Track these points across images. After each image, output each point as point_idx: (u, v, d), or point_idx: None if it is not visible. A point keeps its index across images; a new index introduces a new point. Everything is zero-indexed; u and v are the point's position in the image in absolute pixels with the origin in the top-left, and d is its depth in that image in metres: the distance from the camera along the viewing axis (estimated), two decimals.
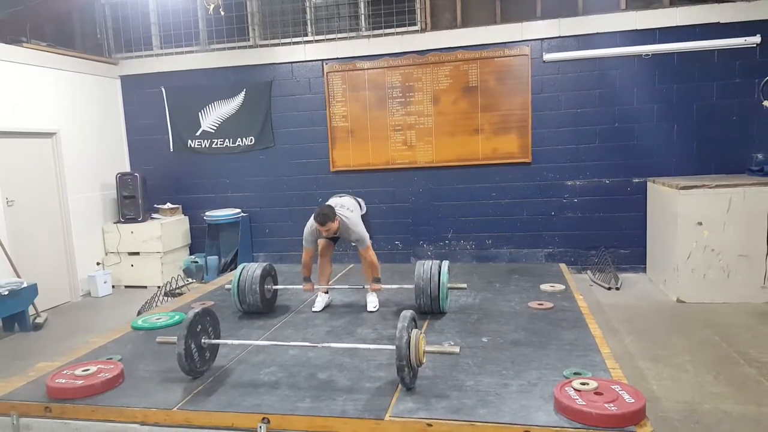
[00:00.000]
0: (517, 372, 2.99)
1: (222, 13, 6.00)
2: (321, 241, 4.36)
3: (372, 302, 4.32)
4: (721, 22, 6.34)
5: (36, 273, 6.20)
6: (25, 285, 5.64)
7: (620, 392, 2.46)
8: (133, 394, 2.89)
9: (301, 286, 4.38)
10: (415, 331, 2.83)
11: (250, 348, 3.50)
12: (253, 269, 4.24)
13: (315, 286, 4.37)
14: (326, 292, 4.49)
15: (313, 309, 4.34)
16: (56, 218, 6.89)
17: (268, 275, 4.33)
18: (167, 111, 7.91)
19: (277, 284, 4.44)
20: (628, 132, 6.76)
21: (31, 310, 5.83)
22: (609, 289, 6.31)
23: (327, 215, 4.02)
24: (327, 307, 4.41)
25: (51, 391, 2.85)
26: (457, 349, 2.90)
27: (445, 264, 4.01)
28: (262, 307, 4.21)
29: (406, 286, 4.28)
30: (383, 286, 4.33)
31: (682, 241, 5.73)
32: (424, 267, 3.99)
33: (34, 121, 6.58)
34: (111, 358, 3.32)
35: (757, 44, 6.27)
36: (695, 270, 5.71)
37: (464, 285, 4.20)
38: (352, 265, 5.95)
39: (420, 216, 7.41)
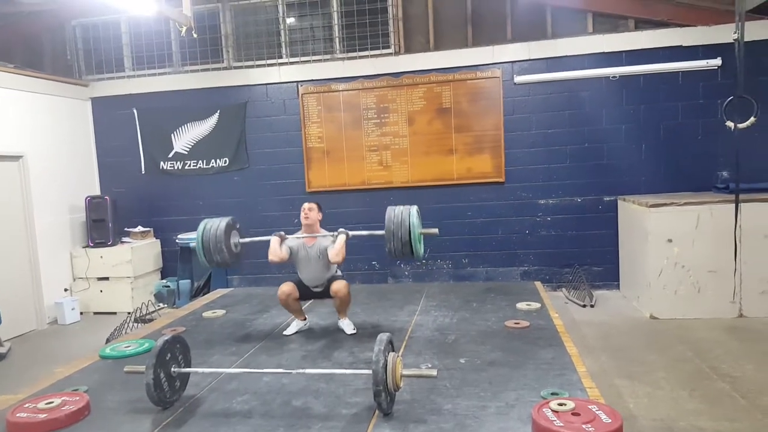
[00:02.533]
0: (494, 393, 2.97)
1: (195, 35, 5.97)
2: (295, 293, 4.20)
3: (348, 325, 4.27)
4: (683, 45, 6.56)
5: (0, 300, 5.99)
6: None
7: (597, 412, 2.46)
8: (100, 428, 2.78)
9: (269, 237, 4.16)
10: (392, 354, 2.80)
11: (223, 376, 3.42)
12: (215, 226, 4.06)
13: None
14: (303, 319, 4.37)
15: (285, 332, 4.25)
16: (22, 243, 6.68)
17: (233, 229, 4.15)
18: (139, 133, 7.80)
19: (242, 236, 4.24)
20: (598, 151, 6.90)
21: None
22: (584, 306, 6.36)
23: (318, 204, 4.23)
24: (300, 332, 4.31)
25: (11, 427, 2.73)
26: (434, 372, 2.88)
27: (414, 208, 3.82)
28: (231, 263, 4.10)
29: (377, 232, 4.03)
30: (352, 233, 4.19)
31: (653, 258, 5.82)
32: (395, 212, 3.80)
33: (0, 144, 6.41)
34: (77, 390, 3.21)
35: (718, 66, 6.48)
36: (667, 286, 5.80)
37: (436, 230, 4.02)
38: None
39: None
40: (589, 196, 6.97)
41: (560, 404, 2.54)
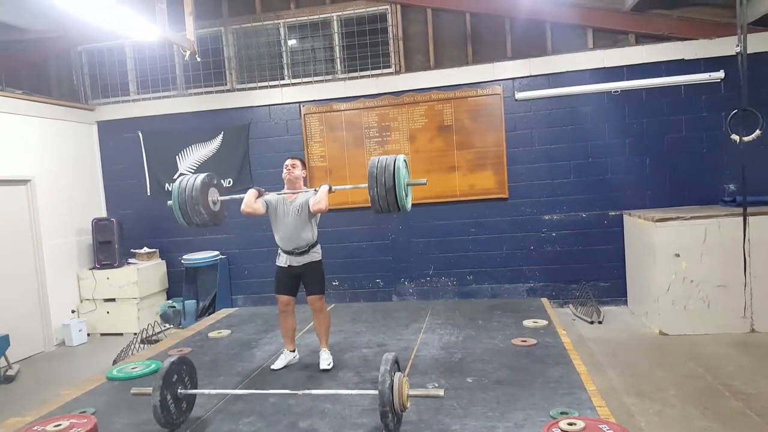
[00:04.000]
0: (502, 413, 2.94)
1: (198, 58, 6.05)
2: (282, 298, 4.12)
3: (326, 359, 4.04)
4: (685, 58, 6.59)
5: (8, 323, 5.99)
6: None
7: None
8: None
9: (243, 195, 4.05)
10: (398, 374, 2.78)
11: (229, 397, 3.40)
12: (191, 184, 3.73)
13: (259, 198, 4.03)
14: (293, 350, 4.22)
15: (272, 367, 4.07)
16: (29, 265, 6.71)
17: (210, 186, 3.87)
18: (144, 155, 7.87)
19: (222, 193, 4.01)
20: (602, 166, 6.90)
21: (2, 362, 5.62)
22: (591, 323, 6.31)
23: (302, 160, 4.28)
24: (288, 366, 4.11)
25: None
26: (441, 392, 2.85)
27: (401, 156, 3.52)
28: (211, 223, 3.84)
29: (361, 186, 3.80)
30: (337, 186, 4.04)
31: (661, 273, 5.78)
32: (380, 159, 3.52)
33: (8, 168, 6.48)
34: (84, 412, 3.21)
35: (721, 79, 6.50)
36: (675, 302, 5.74)
37: (424, 180, 3.73)
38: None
39: (400, 253, 7.40)
40: (594, 211, 6.95)
41: (570, 424, 2.51)
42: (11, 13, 7.03)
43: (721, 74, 6.49)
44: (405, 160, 3.52)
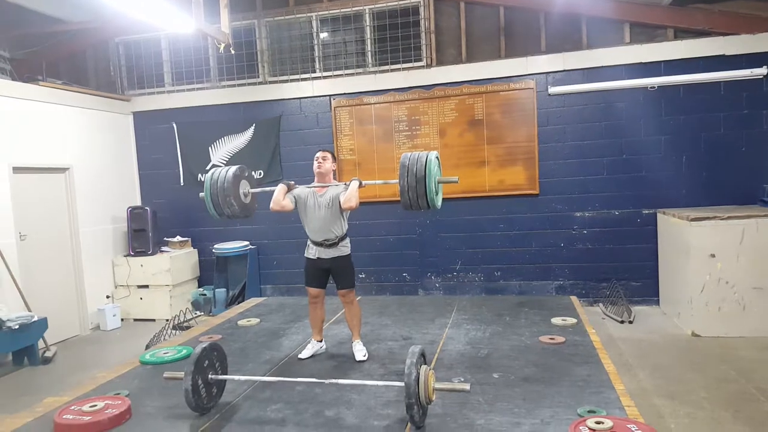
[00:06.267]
0: (529, 410, 2.93)
1: (232, 51, 6.13)
2: (312, 290, 4.17)
3: (360, 350, 4.09)
4: (726, 54, 6.39)
5: (46, 306, 6.21)
6: (35, 319, 5.64)
7: (636, 431, 2.40)
8: (140, 431, 2.85)
9: (275, 187, 4.09)
10: (424, 367, 2.79)
11: (257, 383, 3.47)
12: (222, 175, 3.79)
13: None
14: (320, 340, 4.28)
15: (299, 356, 4.14)
16: (67, 252, 6.93)
17: (241, 178, 3.92)
18: (178, 146, 8.02)
19: (253, 185, 4.06)
20: (636, 163, 6.76)
21: (40, 344, 5.82)
22: (621, 322, 6.21)
23: (332, 153, 4.26)
24: (316, 355, 4.18)
25: (58, 428, 2.83)
26: (467, 387, 2.85)
27: (434, 152, 3.47)
28: (242, 215, 3.91)
29: (391, 182, 3.83)
30: (367, 181, 4.07)
31: (695, 274, 5.65)
32: (413, 153, 3.47)
33: (49, 156, 6.69)
34: (118, 394, 3.31)
35: (763, 75, 6.28)
36: (709, 303, 5.61)
37: (456, 178, 3.68)
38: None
39: (427, 248, 7.39)
40: (627, 209, 6.82)
41: (598, 423, 2.49)
42: (53, 5, 7.24)
43: (763, 71, 6.27)
44: (437, 157, 3.48)
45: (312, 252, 4.15)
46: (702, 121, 6.56)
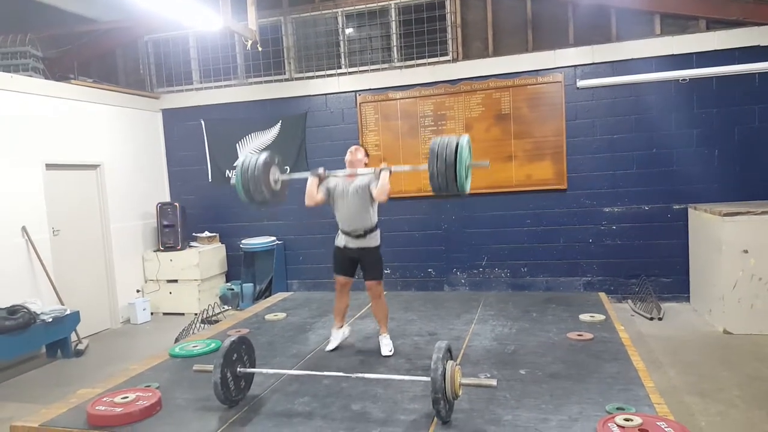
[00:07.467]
0: (556, 406, 2.90)
1: (259, 48, 6.18)
2: (340, 278, 4.20)
3: (386, 345, 4.08)
4: (761, 45, 6.20)
5: (78, 300, 6.38)
6: (68, 312, 5.81)
7: (666, 429, 2.36)
8: (170, 423, 2.92)
9: (307, 173, 4.14)
10: (450, 362, 2.79)
11: (284, 377, 3.51)
12: (253, 162, 3.79)
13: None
14: (341, 326, 4.29)
15: (327, 348, 4.17)
16: (98, 247, 7.10)
17: (271, 165, 3.93)
18: (206, 143, 8.14)
19: (282, 171, 4.07)
20: (667, 157, 6.62)
21: (73, 337, 5.98)
22: (651, 319, 6.10)
23: (366, 148, 4.28)
24: (343, 343, 4.24)
25: (91, 419, 2.90)
26: (494, 382, 2.84)
27: (466, 137, 3.43)
28: (272, 201, 3.96)
29: (420, 168, 3.80)
30: (396, 167, 4.07)
31: (727, 270, 5.52)
32: (443, 137, 3.44)
33: (81, 153, 6.86)
34: (149, 386, 3.37)
35: None
36: (742, 300, 5.48)
37: (486, 162, 3.73)
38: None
39: (453, 243, 7.36)
40: (657, 204, 6.69)
41: (627, 419, 2.46)
42: (85, 5, 7.40)
43: None
44: (469, 141, 3.44)
45: (341, 240, 4.18)
46: (735, 114, 6.39)
